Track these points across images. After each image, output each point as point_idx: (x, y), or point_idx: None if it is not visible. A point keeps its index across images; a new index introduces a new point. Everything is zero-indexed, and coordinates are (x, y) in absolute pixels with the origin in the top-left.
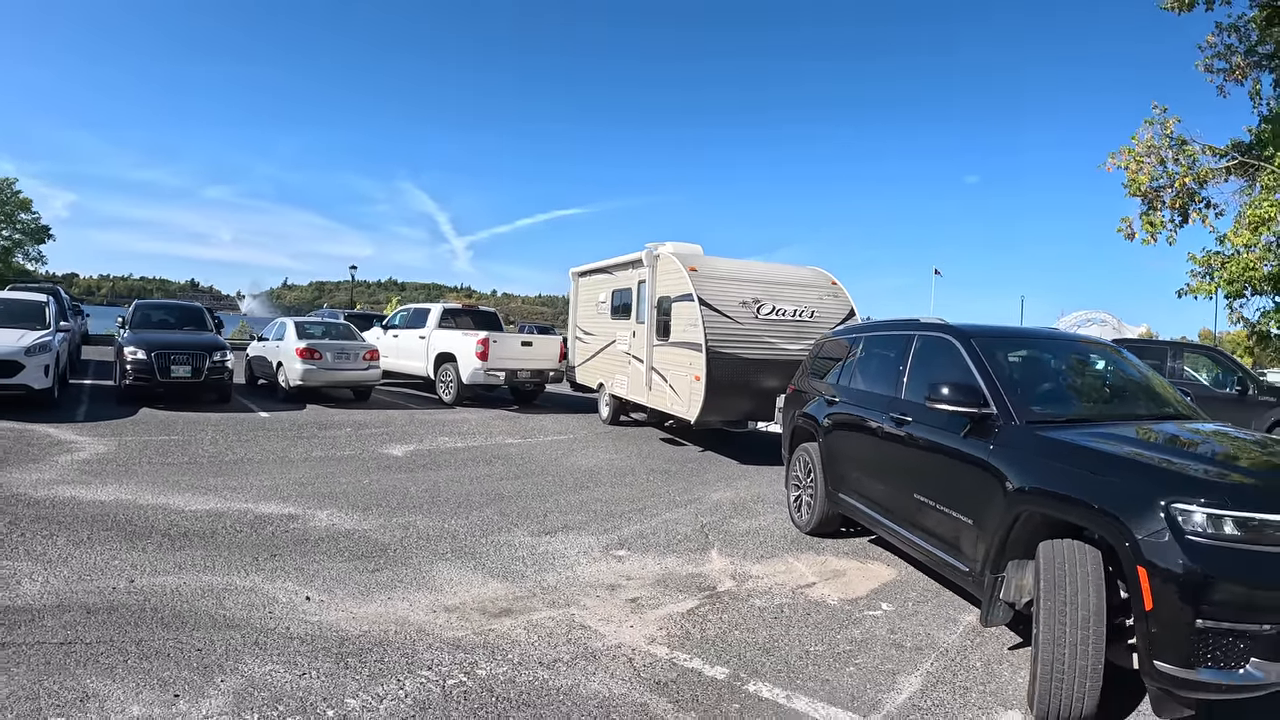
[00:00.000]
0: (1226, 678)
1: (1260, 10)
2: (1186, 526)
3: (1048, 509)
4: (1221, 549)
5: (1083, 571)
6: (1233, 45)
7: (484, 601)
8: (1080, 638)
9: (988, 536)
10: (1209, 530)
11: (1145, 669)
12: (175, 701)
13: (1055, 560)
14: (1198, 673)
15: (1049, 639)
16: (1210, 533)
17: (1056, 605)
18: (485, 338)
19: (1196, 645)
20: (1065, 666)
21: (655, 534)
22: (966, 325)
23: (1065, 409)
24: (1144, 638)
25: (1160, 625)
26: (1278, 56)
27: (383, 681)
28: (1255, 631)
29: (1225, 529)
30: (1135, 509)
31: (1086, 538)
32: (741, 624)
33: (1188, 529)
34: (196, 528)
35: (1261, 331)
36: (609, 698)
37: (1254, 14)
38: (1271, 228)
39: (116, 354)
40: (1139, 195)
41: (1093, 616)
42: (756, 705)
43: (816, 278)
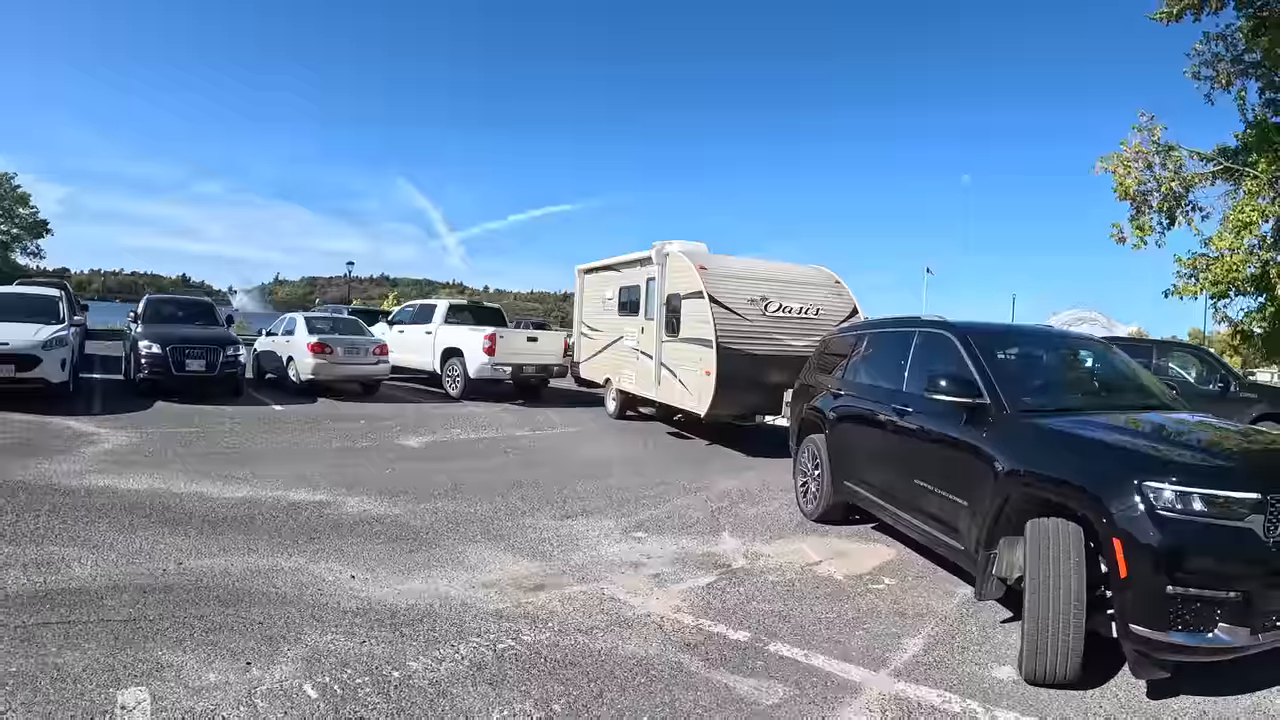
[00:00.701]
0: (1196, 640)
1: (1247, 20)
2: (1157, 502)
3: (1034, 489)
4: (1190, 523)
5: (1065, 545)
6: (1220, 54)
7: (518, 578)
8: (1063, 605)
9: (981, 516)
10: (1178, 506)
11: (1122, 632)
12: (248, 669)
13: (1041, 536)
14: (1169, 635)
15: (1036, 606)
16: (1179, 508)
17: (1042, 576)
18: (493, 333)
19: (1168, 610)
20: (1050, 631)
21: (670, 518)
22: (964, 323)
23: (1053, 400)
24: (1120, 604)
25: (1134, 592)
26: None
27: (439, 646)
28: (1222, 598)
29: (1194, 505)
30: (1111, 487)
31: (1070, 515)
32: (757, 596)
33: (1159, 505)
34: (233, 514)
35: (1245, 331)
36: (645, 657)
37: (1241, 24)
38: (1254, 231)
39: (131, 348)
40: (1127, 199)
41: (1074, 585)
42: (779, 662)
43: (820, 276)
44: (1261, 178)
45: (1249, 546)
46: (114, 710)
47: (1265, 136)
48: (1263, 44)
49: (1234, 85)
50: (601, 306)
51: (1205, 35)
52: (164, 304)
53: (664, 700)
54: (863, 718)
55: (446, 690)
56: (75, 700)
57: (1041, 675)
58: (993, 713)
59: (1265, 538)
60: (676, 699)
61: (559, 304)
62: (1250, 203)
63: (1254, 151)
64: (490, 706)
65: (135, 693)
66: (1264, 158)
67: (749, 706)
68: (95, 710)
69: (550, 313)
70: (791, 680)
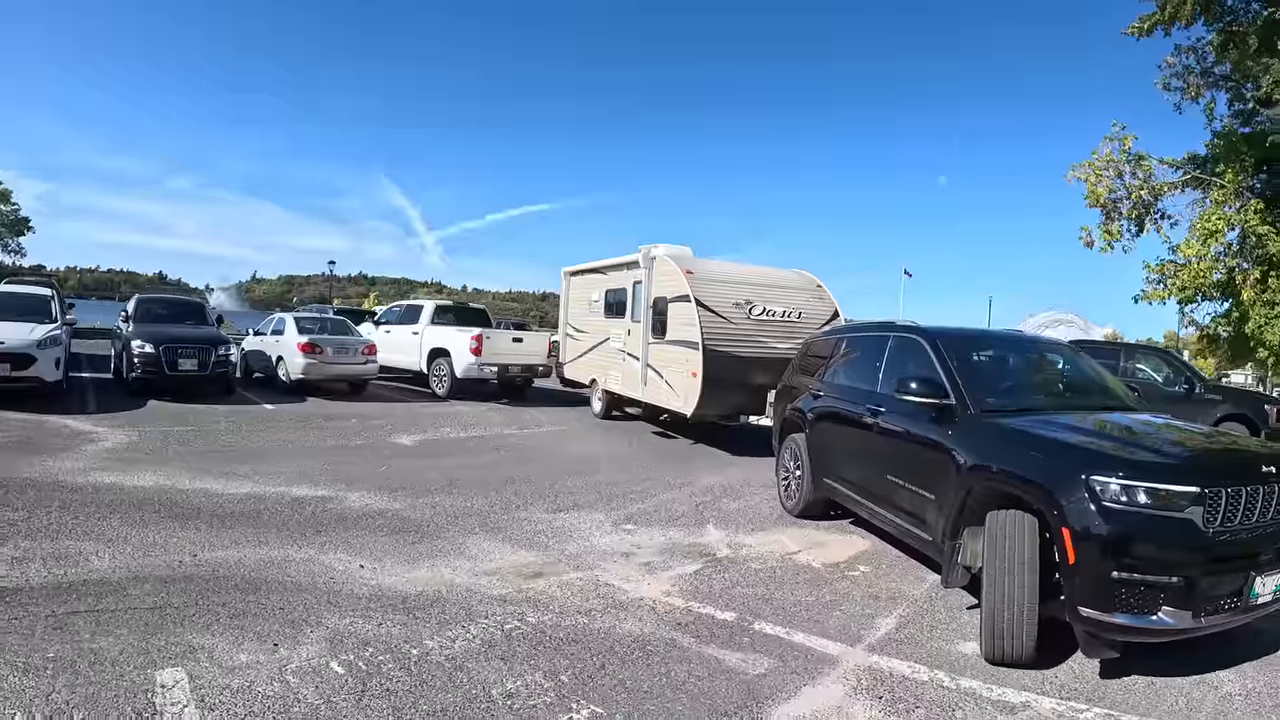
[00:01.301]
0: (1141, 622)
1: (1217, 35)
2: (1103, 495)
3: (993, 483)
4: (1132, 514)
5: (1019, 535)
6: (1190, 66)
7: (518, 567)
8: (1017, 590)
9: (947, 509)
10: (1122, 498)
11: (1072, 615)
12: (275, 649)
13: (998, 526)
14: (1115, 617)
15: (992, 591)
16: (1124, 500)
17: (998, 563)
18: (479, 333)
19: (1113, 594)
20: (1006, 615)
21: (656, 511)
22: (934, 327)
23: (1016, 400)
24: (1070, 588)
25: (1082, 577)
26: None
27: (451, 627)
28: (1165, 583)
29: (1138, 497)
30: (1061, 481)
31: (1025, 507)
32: (741, 581)
33: (1104, 497)
34: (239, 509)
35: (1211, 335)
36: (642, 635)
37: (1211, 38)
38: (1220, 239)
39: (123, 347)
40: (1098, 206)
41: (1028, 572)
42: (763, 639)
43: (803, 280)
44: (1228, 187)
45: (1189, 536)
46: (154, 688)
47: (1233, 147)
48: (1232, 57)
49: (1203, 96)
50: (588, 308)
51: (1176, 48)
52: (155, 303)
53: (661, 671)
54: (840, 685)
55: (463, 665)
56: (116, 681)
57: (999, 655)
58: (957, 681)
59: (1204, 528)
60: (672, 670)
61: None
62: (1217, 212)
63: (1221, 162)
64: (504, 678)
65: (172, 673)
66: (1231, 168)
67: (738, 676)
68: (137, 689)
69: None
70: (775, 654)
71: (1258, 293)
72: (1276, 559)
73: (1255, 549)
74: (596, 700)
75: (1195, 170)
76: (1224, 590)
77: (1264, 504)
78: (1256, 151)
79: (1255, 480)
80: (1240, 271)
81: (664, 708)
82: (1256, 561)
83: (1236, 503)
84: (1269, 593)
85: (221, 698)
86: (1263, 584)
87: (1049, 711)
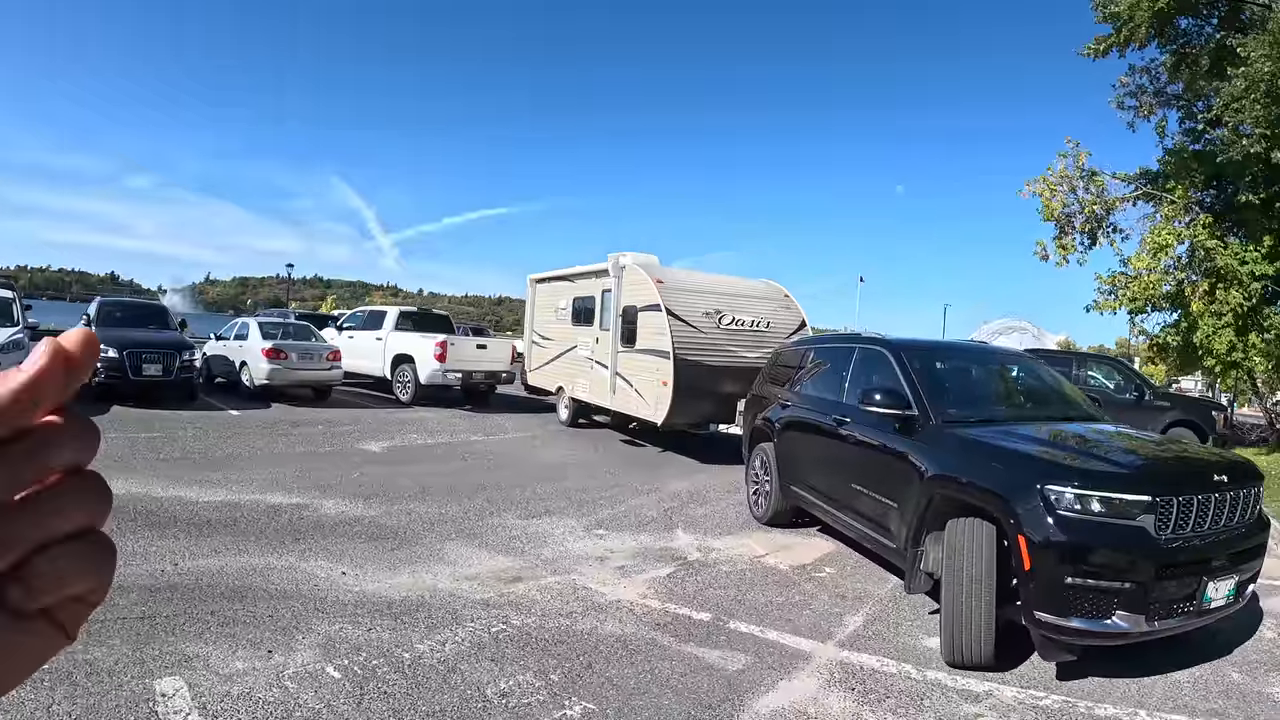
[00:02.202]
0: (1095, 625)
1: (1170, 56)
2: (1058, 504)
3: (953, 492)
4: (1086, 521)
5: (977, 542)
6: (1143, 85)
7: (497, 571)
8: (974, 595)
9: (909, 517)
10: (1076, 507)
11: (1028, 619)
12: (270, 656)
13: (957, 534)
14: (1070, 621)
15: (951, 597)
16: (1078, 509)
17: (955, 570)
18: (444, 340)
19: (1068, 599)
20: (964, 619)
21: (627, 516)
22: (900, 339)
23: (978, 411)
24: (1026, 593)
25: (1037, 583)
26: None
27: (439, 631)
28: (1118, 588)
29: (1092, 506)
30: (1017, 490)
31: (985, 516)
32: (713, 584)
33: (1059, 506)
34: (216, 517)
35: (1161, 344)
36: (623, 635)
37: (1164, 59)
38: (1170, 253)
39: None
40: (1052, 220)
41: (985, 579)
42: (739, 637)
43: (771, 290)
44: (1178, 203)
45: (1141, 543)
46: (154, 697)
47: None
48: (1184, 77)
49: (1155, 115)
50: (554, 316)
51: (1130, 68)
52: (117, 307)
53: (645, 668)
54: (814, 679)
55: (456, 667)
56: (115, 691)
57: (959, 659)
58: (924, 673)
59: (1156, 535)
60: (655, 667)
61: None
62: (1167, 227)
63: (1172, 179)
64: (497, 679)
65: (171, 681)
66: (1181, 185)
67: (718, 672)
68: (138, 699)
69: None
70: (751, 651)
71: (1206, 304)
72: (1229, 564)
73: (1207, 555)
74: (588, 697)
75: (1147, 185)
76: (1177, 595)
77: (1216, 511)
78: (1206, 168)
79: (1207, 489)
80: (1189, 284)
81: (652, 703)
82: (1209, 567)
83: (1188, 510)
84: (1221, 597)
85: (223, 705)
86: (1215, 588)
87: (1010, 699)
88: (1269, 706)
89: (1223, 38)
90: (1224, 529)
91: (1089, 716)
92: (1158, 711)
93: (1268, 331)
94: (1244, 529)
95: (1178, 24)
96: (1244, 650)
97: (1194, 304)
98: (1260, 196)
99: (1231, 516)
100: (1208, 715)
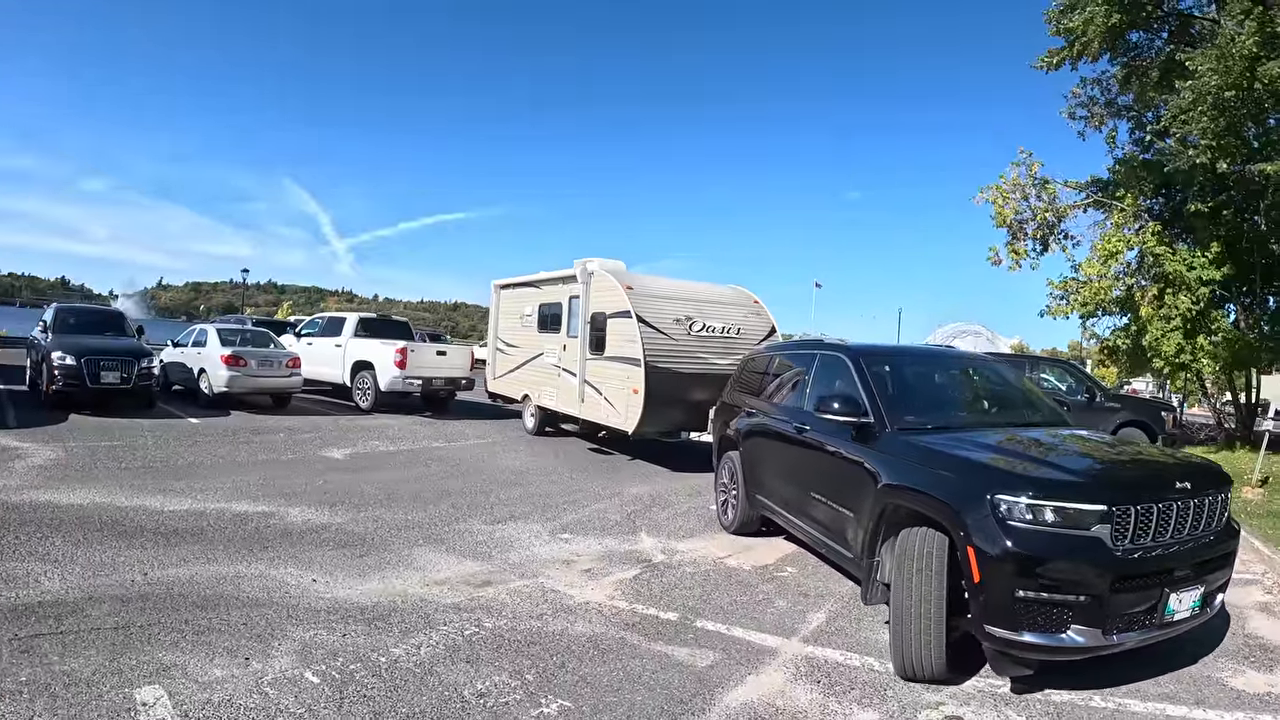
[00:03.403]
0: (1049, 640)
1: (1121, 69)
2: (1009, 514)
3: (904, 501)
4: (1038, 532)
5: (927, 553)
6: (1095, 97)
7: (466, 576)
8: (922, 607)
9: (864, 526)
10: (1028, 517)
11: (979, 632)
12: (248, 663)
13: (906, 545)
14: (1022, 635)
15: (898, 609)
16: (1029, 519)
17: (903, 581)
18: (404, 347)
19: (1019, 612)
20: (912, 632)
21: (590, 521)
22: (859, 345)
23: (936, 418)
24: (976, 606)
25: (987, 595)
26: (1134, 108)
27: (413, 635)
28: (1072, 601)
29: (1044, 516)
30: (967, 500)
31: (936, 526)
32: (679, 584)
33: (1009, 516)
34: (182, 526)
35: (1111, 346)
36: (594, 635)
37: (1115, 71)
38: (1120, 259)
39: (41, 359)
40: (1005, 226)
41: (934, 590)
42: (706, 634)
43: (740, 297)
44: (1128, 211)
45: (1096, 554)
46: (135, 707)
47: (1133, 173)
48: (1134, 89)
49: (1106, 125)
50: (519, 322)
51: (1082, 80)
52: (73, 314)
53: (617, 666)
54: (781, 673)
55: (432, 669)
56: (95, 702)
57: (909, 671)
58: (886, 665)
59: (1113, 546)
60: (627, 665)
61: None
62: (1117, 234)
63: (1122, 187)
64: (473, 680)
65: (151, 690)
66: (1130, 193)
67: (688, 668)
68: (118, 709)
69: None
70: (719, 648)
71: (1155, 308)
72: (1194, 574)
73: (1169, 565)
74: (564, 695)
75: (1098, 194)
76: (1137, 607)
77: (1178, 520)
78: (1155, 177)
79: (1167, 497)
80: (1139, 289)
81: (626, 699)
82: (1171, 578)
83: (1148, 520)
84: (1186, 608)
85: (205, 712)
86: (1179, 600)
87: (971, 688)
88: (1218, 690)
89: (1172, 51)
90: (1188, 538)
91: (1045, 702)
92: (1112, 696)
93: (1215, 335)
94: (1210, 537)
95: (1129, 38)
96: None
97: (1143, 308)
98: (1208, 205)
99: (1196, 524)
100: (1160, 699)
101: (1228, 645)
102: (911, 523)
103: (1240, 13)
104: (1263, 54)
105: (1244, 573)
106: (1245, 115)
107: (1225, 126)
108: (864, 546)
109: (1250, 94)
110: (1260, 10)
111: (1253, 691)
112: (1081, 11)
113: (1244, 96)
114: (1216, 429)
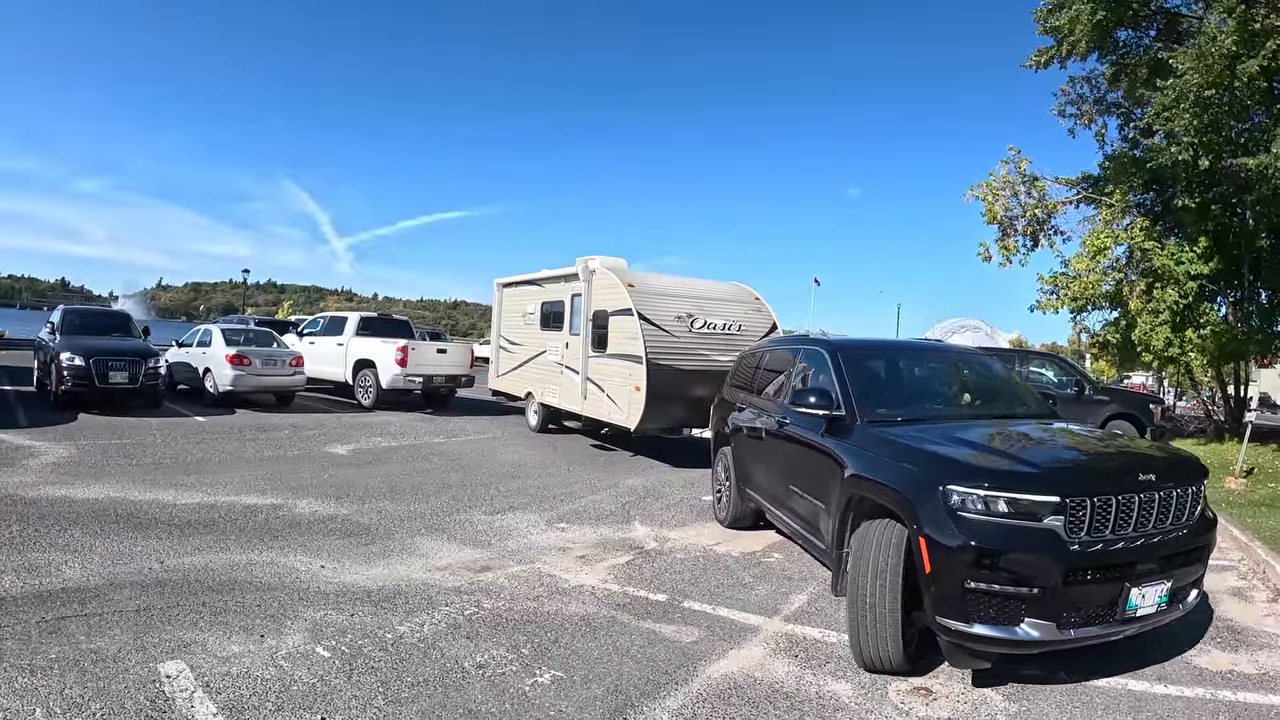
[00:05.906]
0: (1002, 632)
1: (1109, 67)
2: (961, 505)
3: (866, 492)
4: (989, 523)
5: (884, 544)
6: (1084, 94)
7: (466, 562)
8: (878, 598)
9: (834, 516)
10: (979, 508)
11: (932, 624)
12: (263, 640)
13: (867, 536)
14: (974, 627)
15: (854, 599)
16: (980, 509)
17: (860, 572)
18: (405, 345)
19: (969, 603)
20: (868, 623)
21: (586, 511)
22: (839, 339)
23: (908, 410)
24: (929, 597)
25: (938, 586)
26: (1123, 104)
27: (417, 615)
28: (1024, 594)
29: (997, 507)
30: (920, 491)
31: (895, 517)
32: (669, 569)
33: (961, 507)
34: (195, 518)
35: (1101, 341)
36: (586, 615)
37: (1104, 69)
38: (1109, 254)
39: (51, 360)
40: (995, 223)
41: (890, 582)
42: (693, 614)
43: (741, 293)
44: (1117, 206)
45: (1049, 547)
46: (160, 678)
47: (1123, 169)
48: (1123, 86)
49: (1095, 122)
50: (522, 320)
51: (1071, 79)
52: (81, 315)
53: (607, 641)
54: (762, 648)
55: (435, 644)
56: (122, 675)
57: (869, 663)
58: None
59: (1067, 538)
60: (617, 640)
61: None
62: (1106, 229)
63: (1111, 183)
64: (473, 653)
65: (174, 664)
66: (1119, 189)
67: (674, 643)
68: (145, 680)
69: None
70: (704, 625)
71: (1143, 303)
72: (1159, 569)
73: (1131, 559)
74: (557, 666)
75: (1087, 189)
76: (1095, 602)
77: (1142, 512)
78: (1144, 173)
79: (1129, 488)
80: (1128, 283)
81: (614, 669)
82: (1133, 572)
83: (1106, 512)
84: (1150, 604)
85: (225, 682)
86: (1141, 595)
87: (943, 665)
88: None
89: (1160, 48)
90: (1154, 531)
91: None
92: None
93: (1204, 328)
94: (1181, 530)
95: (1117, 36)
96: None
97: (1132, 302)
98: (1196, 200)
99: (1164, 517)
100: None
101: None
102: (873, 514)
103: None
104: (1242, 52)
105: (1220, 559)
106: (1226, 112)
107: (1207, 123)
108: (834, 537)
109: (1231, 91)
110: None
111: (1215, 669)
112: (1068, 10)
113: (1224, 94)
114: (1206, 421)
